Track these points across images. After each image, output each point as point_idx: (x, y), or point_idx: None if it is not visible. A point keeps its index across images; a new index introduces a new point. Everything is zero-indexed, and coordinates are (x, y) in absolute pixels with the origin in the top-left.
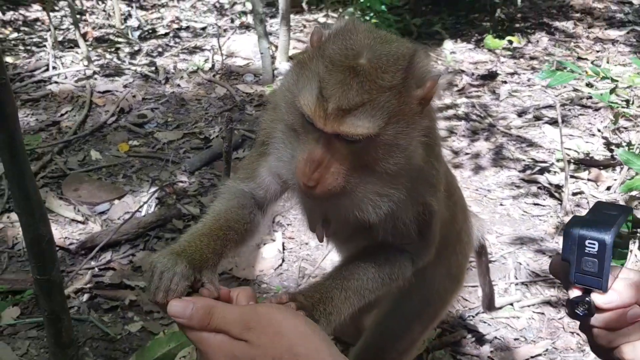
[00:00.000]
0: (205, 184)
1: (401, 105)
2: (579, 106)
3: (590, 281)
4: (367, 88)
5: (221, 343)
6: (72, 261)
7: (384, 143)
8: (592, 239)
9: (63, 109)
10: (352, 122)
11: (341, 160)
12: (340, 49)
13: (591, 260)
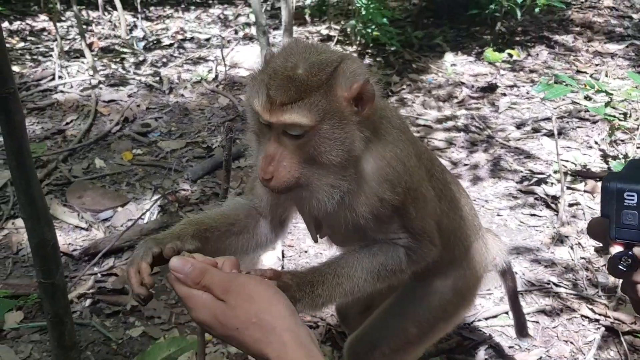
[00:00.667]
0: (207, 192)
1: (332, 104)
2: (577, 119)
3: (632, 234)
4: (302, 88)
5: (205, 301)
6: (75, 267)
7: (322, 136)
8: (631, 190)
9: (68, 117)
10: (291, 114)
11: (291, 155)
12: (282, 62)
13: (631, 212)
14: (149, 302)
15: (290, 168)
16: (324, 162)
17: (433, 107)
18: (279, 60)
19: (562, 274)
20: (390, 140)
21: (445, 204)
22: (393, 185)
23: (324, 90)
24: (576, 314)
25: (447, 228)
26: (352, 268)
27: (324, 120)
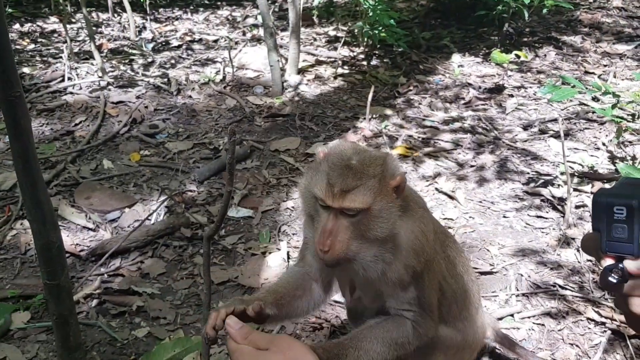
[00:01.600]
0: (213, 193)
1: (382, 189)
2: (584, 120)
3: (621, 247)
4: (359, 176)
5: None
6: (82, 267)
7: (373, 215)
8: (620, 204)
9: (77, 118)
10: (351, 199)
11: (345, 231)
12: (338, 155)
13: (620, 226)
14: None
15: (343, 241)
16: (371, 237)
17: (440, 108)
18: (334, 154)
19: (568, 277)
20: (417, 217)
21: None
22: (418, 255)
23: (378, 179)
24: (582, 316)
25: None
26: (370, 342)
27: (375, 203)
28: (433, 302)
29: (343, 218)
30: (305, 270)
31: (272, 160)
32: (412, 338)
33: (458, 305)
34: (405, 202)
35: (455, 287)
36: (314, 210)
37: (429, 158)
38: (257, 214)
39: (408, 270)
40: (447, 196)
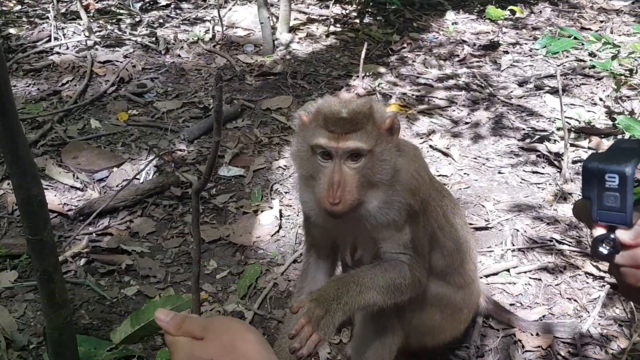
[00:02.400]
0: (203, 152)
1: (379, 131)
2: (581, 75)
3: (613, 217)
4: (355, 122)
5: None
6: (70, 227)
7: (376, 158)
8: (612, 172)
9: (64, 78)
10: (354, 140)
11: (352, 179)
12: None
13: (612, 194)
14: None
15: (352, 191)
16: (376, 180)
17: (434, 65)
18: (324, 110)
19: (565, 231)
20: (410, 157)
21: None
22: (414, 193)
23: (372, 122)
24: (580, 271)
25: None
26: (371, 279)
27: (376, 145)
28: (425, 249)
29: (348, 166)
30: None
31: (263, 119)
32: (409, 280)
33: (460, 256)
34: (398, 144)
35: (453, 239)
36: (313, 169)
37: (423, 115)
38: (249, 172)
39: (406, 209)
40: (442, 153)
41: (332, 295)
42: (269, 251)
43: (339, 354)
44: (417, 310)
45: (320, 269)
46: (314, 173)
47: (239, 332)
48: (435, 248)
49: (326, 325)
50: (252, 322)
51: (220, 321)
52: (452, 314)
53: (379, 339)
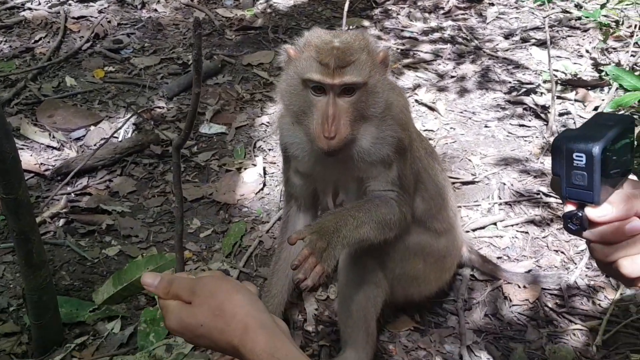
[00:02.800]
0: (183, 109)
1: (373, 63)
2: (567, 27)
3: (582, 195)
4: (350, 52)
5: (174, 307)
6: (47, 187)
7: (370, 91)
8: (579, 151)
9: (37, 35)
10: (350, 73)
11: (346, 113)
12: (319, 39)
13: (580, 173)
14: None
15: (347, 125)
16: (370, 114)
17: (419, 18)
18: (315, 41)
19: None
20: (397, 92)
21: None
22: (403, 127)
23: (367, 52)
24: None
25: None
26: (365, 213)
27: (370, 77)
28: (411, 186)
29: (342, 100)
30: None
31: (245, 75)
32: (397, 216)
33: (439, 201)
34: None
35: (434, 182)
36: (305, 104)
37: (408, 70)
38: (231, 130)
39: (396, 144)
40: (428, 107)
41: (331, 227)
42: (253, 209)
43: (327, 309)
44: (399, 260)
45: (300, 220)
46: (305, 109)
47: (226, 294)
48: (418, 190)
49: (329, 257)
50: (238, 280)
51: (207, 283)
52: (435, 262)
53: (363, 292)
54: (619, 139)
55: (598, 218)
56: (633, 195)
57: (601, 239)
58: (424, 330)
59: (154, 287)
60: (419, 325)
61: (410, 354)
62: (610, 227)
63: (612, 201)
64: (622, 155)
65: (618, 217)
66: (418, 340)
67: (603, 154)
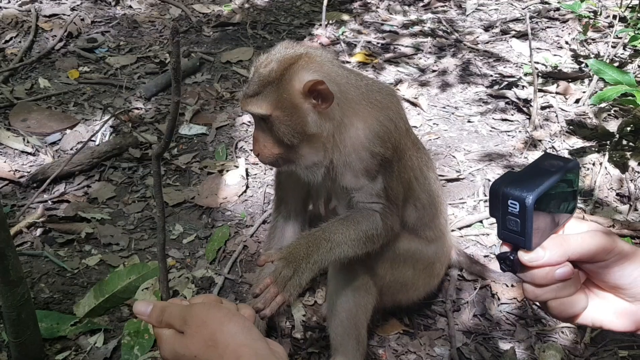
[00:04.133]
0: (162, 110)
1: (281, 95)
2: (546, 19)
3: (515, 239)
4: (261, 84)
5: (167, 337)
6: (23, 195)
7: (278, 122)
8: (514, 198)
9: (7, 35)
10: (252, 105)
11: (263, 135)
12: (258, 61)
13: (514, 219)
14: None
15: (269, 147)
16: (287, 142)
17: (398, 11)
18: (261, 57)
19: None
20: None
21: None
22: (383, 141)
23: (277, 84)
24: None
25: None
26: (342, 234)
27: (276, 108)
28: (399, 197)
29: (262, 124)
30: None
31: (224, 73)
32: (381, 230)
33: (432, 210)
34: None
35: (427, 191)
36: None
37: (389, 64)
38: (211, 130)
39: (376, 158)
40: (410, 103)
41: (302, 253)
42: (236, 212)
43: (314, 315)
44: (389, 267)
45: (289, 226)
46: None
47: (218, 324)
48: (409, 199)
49: (293, 286)
50: (223, 287)
51: (198, 312)
52: (424, 268)
53: (353, 299)
54: (560, 185)
55: (529, 262)
56: (566, 241)
57: (532, 280)
58: (413, 333)
59: (146, 316)
60: (408, 328)
61: (400, 358)
62: (541, 271)
63: (546, 246)
64: (562, 199)
65: (549, 263)
66: (408, 343)
67: (538, 203)
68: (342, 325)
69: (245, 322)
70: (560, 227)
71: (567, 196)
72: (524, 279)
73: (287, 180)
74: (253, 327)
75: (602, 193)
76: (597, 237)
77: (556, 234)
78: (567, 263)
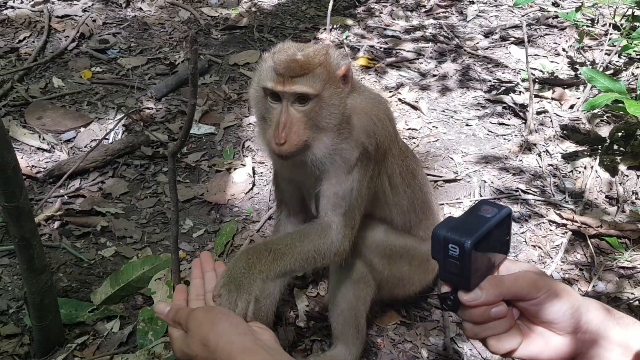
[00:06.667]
0: (172, 110)
1: (329, 77)
2: (544, 26)
3: (455, 280)
4: (306, 66)
5: (177, 337)
6: (40, 189)
7: (324, 103)
8: (453, 242)
9: (21, 34)
10: (301, 84)
11: (298, 122)
12: (283, 52)
13: (454, 262)
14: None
15: (298, 132)
16: (325, 125)
17: (401, 17)
18: (278, 53)
19: (530, 181)
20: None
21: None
22: (369, 135)
23: (324, 67)
24: (544, 219)
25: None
26: (286, 246)
27: (324, 90)
28: (362, 202)
29: (295, 109)
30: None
31: (231, 75)
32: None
33: (417, 215)
34: (356, 90)
35: (409, 199)
36: (265, 110)
37: (391, 68)
38: (219, 130)
39: (357, 148)
40: (411, 106)
41: (241, 268)
42: (243, 209)
43: (317, 305)
44: (387, 263)
45: (291, 224)
46: (265, 114)
47: (210, 325)
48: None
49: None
50: None
51: (197, 315)
52: (419, 264)
53: (353, 292)
54: (495, 230)
55: (468, 302)
56: (501, 282)
57: (470, 319)
58: (409, 324)
59: (164, 316)
60: (405, 319)
61: (397, 346)
62: (479, 310)
63: (483, 286)
64: (497, 242)
65: (486, 302)
66: (405, 333)
67: (476, 246)
68: (342, 315)
69: (233, 319)
70: (496, 268)
71: (502, 239)
72: (464, 318)
73: (284, 182)
74: (241, 322)
75: (592, 195)
76: (528, 277)
77: (492, 275)
78: (502, 302)
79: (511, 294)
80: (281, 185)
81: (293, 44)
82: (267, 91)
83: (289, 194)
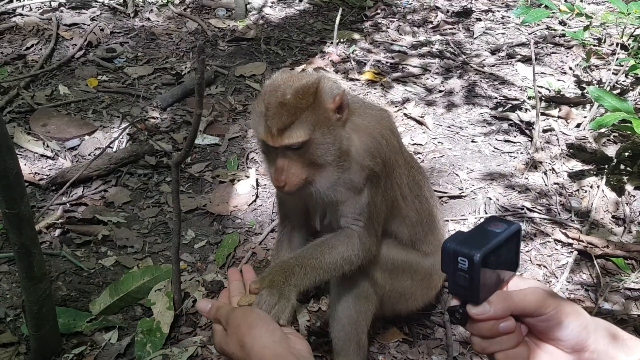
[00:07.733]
0: (177, 120)
1: (319, 117)
2: (551, 44)
3: (464, 294)
4: (293, 112)
5: (218, 332)
6: (42, 196)
7: (317, 144)
8: (463, 255)
9: (28, 42)
10: (289, 136)
11: (295, 164)
12: (272, 93)
13: (463, 275)
14: None
15: (297, 173)
16: (323, 162)
17: (408, 32)
18: (269, 92)
19: (536, 200)
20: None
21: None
22: (373, 156)
23: (312, 108)
24: (549, 238)
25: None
26: (316, 260)
27: (315, 132)
28: (380, 215)
29: (290, 153)
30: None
31: (237, 86)
32: (357, 251)
33: (424, 228)
34: (355, 112)
35: (416, 210)
36: (265, 148)
37: (397, 83)
38: (224, 141)
39: (363, 171)
40: (416, 121)
41: (281, 280)
42: (246, 220)
43: (318, 320)
44: (388, 277)
45: (294, 239)
46: (265, 152)
47: (247, 328)
48: (396, 217)
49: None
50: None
51: (236, 315)
52: (421, 279)
53: (354, 306)
54: (504, 245)
55: (476, 316)
56: (510, 297)
57: (479, 333)
58: (412, 341)
59: (206, 312)
60: (408, 336)
61: None
62: (487, 324)
63: (492, 301)
64: (506, 258)
65: (494, 316)
66: (407, 351)
67: (485, 260)
68: (343, 330)
69: (269, 325)
70: (505, 283)
71: (510, 255)
72: (472, 331)
73: (287, 199)
74: (277, 329)
75: (599, 215)
76: (537, 293)
77: (501, 290)
78: (510, 317)
79: (520, 310)
80: (284, 201)
81: (286, 76)
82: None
83: (292, 209)
